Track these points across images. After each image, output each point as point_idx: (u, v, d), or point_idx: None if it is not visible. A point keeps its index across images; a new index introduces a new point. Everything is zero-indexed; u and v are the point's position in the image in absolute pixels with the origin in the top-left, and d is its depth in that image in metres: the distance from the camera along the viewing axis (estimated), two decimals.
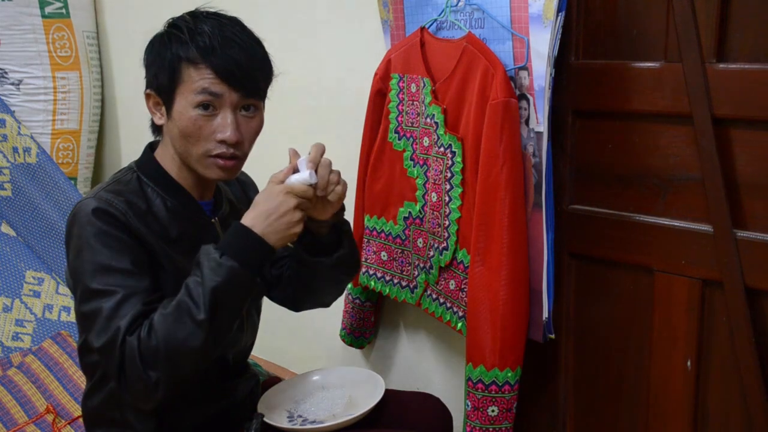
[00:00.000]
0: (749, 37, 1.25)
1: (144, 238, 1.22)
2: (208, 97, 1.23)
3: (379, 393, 1.47)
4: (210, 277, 1.14)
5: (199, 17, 1.28)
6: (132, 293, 1.17)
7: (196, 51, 1.23)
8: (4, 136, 2.47)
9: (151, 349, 1.13)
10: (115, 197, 1.23)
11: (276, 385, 1.57)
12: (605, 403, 1.54)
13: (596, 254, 1.49)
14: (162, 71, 1.26)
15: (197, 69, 1.23)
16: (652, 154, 1.38)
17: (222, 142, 1.25)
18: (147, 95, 1.30)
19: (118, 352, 1.13)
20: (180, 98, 1.25)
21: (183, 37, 1.24)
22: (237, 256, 1.16)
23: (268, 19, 2.05)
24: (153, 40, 1.30)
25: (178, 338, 1.14)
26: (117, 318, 1.15)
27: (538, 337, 1.50)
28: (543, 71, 1.38)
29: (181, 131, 1.25)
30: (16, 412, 1.98)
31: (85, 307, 1.18)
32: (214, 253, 1.16)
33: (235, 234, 1.19)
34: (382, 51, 1.72)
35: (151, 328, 1.14)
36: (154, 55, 1.28)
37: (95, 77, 2.79)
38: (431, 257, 1.62)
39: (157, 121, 1.30)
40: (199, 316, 1.13)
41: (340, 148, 1.97)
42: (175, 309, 1.15)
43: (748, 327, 1.29)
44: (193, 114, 1.24)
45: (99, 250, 1.18)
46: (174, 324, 1.14)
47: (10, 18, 2.54)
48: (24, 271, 2.33)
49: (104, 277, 1.17)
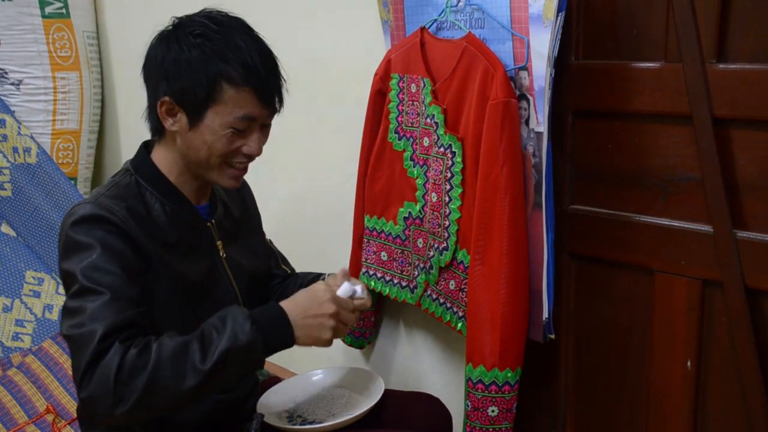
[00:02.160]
0: (749, 37, 1.25)
1: (142, 245, 1.21)
2: (247, 122, 1.24)
3: (378, 393, 1.47)
4: (230, 336, 1.14)
5: (224, 26, 1.24)
6: (118, 296, 1.15)
7: (241, 72, 1.21)
8: (4, 136, 2.47)
9: (136, 367, 1.09)
10: (115, 203, 1.21)
11: (276, 385, 1.57)
12: (605, 403, 1.54)
13: (596, 254, 1.49)
14: (196, 86, 1.21)
15: (239, 92, 1.22)
16: (652, 154, 1.39)
17: (248, 156, 1.28)
18: (163, 103, 1.24)
19: (93, 350, 1.09)
20: (213, 115, 1.23)
21: (221, 53, 1.21)
22: (263, 332, 1.17)
23: (268, 20, 2.05)
24: (171, 47, 1.23)
25: (170, 371, 1.11)
26: (100, 316, 1.12)
27: (538, 337, 1.50)
28: (543, 71, 1.38)
29: (209, 145, 1.24)
30: (16, 412, 1.98)
31: (70, 303, 1.16)
32: (244, 319, 1.16)
33: (270, 311, 1.20)
34: (382, 51, 1.72)
35: (146, 348, 1.11)
36: (181, 65, 1.22)
37: (95, 77, 2.79)
38: (431, 257, 1.62)
39: (169, 127, 1.26)
40: (203, 365, 1.12)
41: (340, 148, 1.97)
42: (181, 345, 1.13)
43: (748, 327, 1.29)
44: (227, 132, 1.23)
45: (92, 252, 1.17)
46: (173, 358, 1.12)
47: (10, 18, 2.55)
48: (24, 271, 2.33)
49: (93, 275, 1.15)
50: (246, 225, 1.48)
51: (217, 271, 1.36)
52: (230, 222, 1.42)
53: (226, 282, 1.37)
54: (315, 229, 2.13)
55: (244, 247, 1.44)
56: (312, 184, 2.12)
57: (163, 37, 1.27)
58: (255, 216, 1.55)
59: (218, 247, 1.36)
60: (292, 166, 2.15)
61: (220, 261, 1.36)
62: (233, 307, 1.21)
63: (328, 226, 2.08)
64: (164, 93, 1.24)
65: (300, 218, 2.15)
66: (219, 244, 1.36)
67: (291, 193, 2.16)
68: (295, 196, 2.16)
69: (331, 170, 2.04)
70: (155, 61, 1.26)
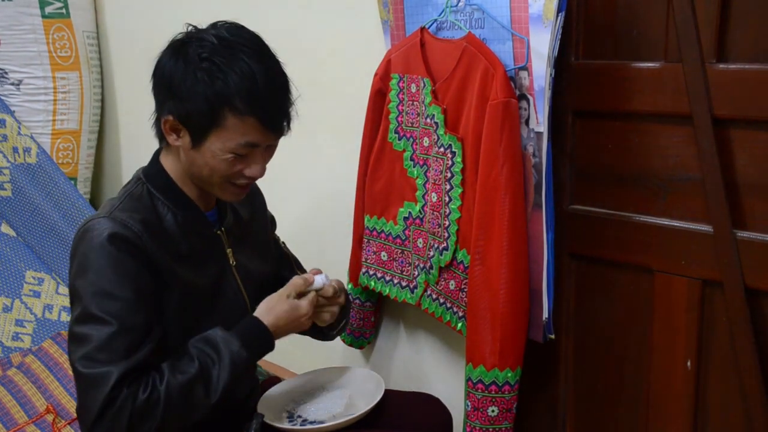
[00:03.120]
0: (749, 37, 1.25)
1: (155, 258, 1.22)
2: (249, 148, 1.23)
3: (379, 393, 1.47)
4: (231, 369, 1.22)
5: (230, 45, 1.20)
6: (126, 327, 1.16)
7: (242, 100, 1.18)
8: (4, 136, 2.47)
9: (146, 414, 1.14)
10: (130, 217, 1.21)
11: (276, 385, 1.57)
12: (605, 403, 1.54)
13: (596, 254, 1.49)
14: (198, 109, 1.19)
15: (242, 120, 1.19)
16: (652, 154, 1.38)
17: (248, 178, 1.27)
18: (166, 121, 1.23)
19: (105, 397, 1.12)
20: (215, 140, 1.21)
21: (227, 80, 1.17)
22: (257, 354, 1.28)
23: (268, 20, 2.05)
24: (178, 66, 1.20)
25: (178, 410, 1.18)
26: (107, 351, 1.14)
27: (538, 337, 1.50)
28: (543, 71, 1.38)
29: (210, 167, 1.24)
30: (16, 412, 1.98)
31: (77, 328, 1.18)
32: (239, 347, 1.23)
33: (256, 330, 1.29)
34: (382, 51, 1.72)
35: (153, 392, 1.15)
36: (186, 87, 1.19)
37: (95, 77, 2.79)
38: (431, 257, 1.62)
39: (172, 143, 1.25)
40: (209, 400, 1.20)
41: (340, 148, 1.97)
42: (187, 385, 1.18)
43: (748, 327, 1.29)
44: (228, 157, 1.22)
45: (105, 274, 1.17)
46: (180, 399, 1.17)
47: (10, 18, 2.54)
48: (24, 271, 2.33)
49: (103, 302, 1.16)
50: (255, 226, 1.48)
51: (226, 279, 1.36)
52: (239, 227, 1.42)
53: (236, 289, 1.37)
54: (315, 229, 2.13)
55: (253, 250, 1.45)
56: (312, 184, 2.12)
57: (174, 49, 1.23)
58: (264, 217, 1.54)
59: (228, 255, 1.37)
60: (292, 167, 2.15)
61: (230, 269, 1.37)
62: (218, 331, 1.25)
63: (328, 226, 2.08)
64: (169, 112, 1.22)
65: (300, 218, 2.15)
66: (229, 252, 1.37)
67: (291, 194, 2.16)
68: (294, 196, 2.16)
69: (331, 170, 2.04)
70: (163, 76, 1.23)
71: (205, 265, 1.32)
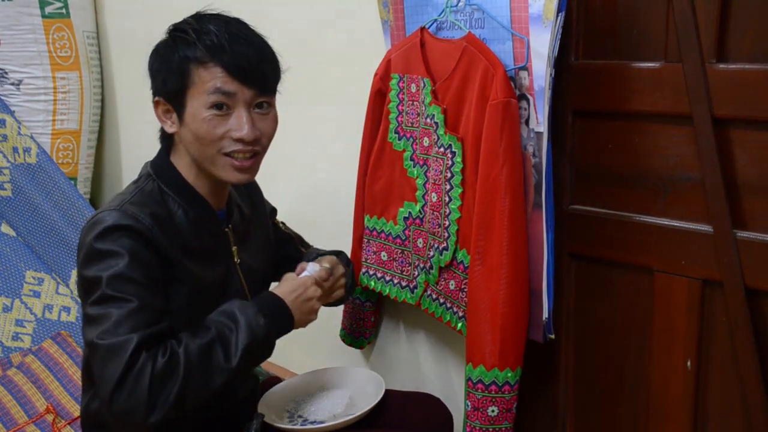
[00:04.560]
0: (749, 37, 1.25)
1: (166, 252, 1.22)
2: (221, 96, 1.22)
3: (379, 393, 1.47)
4: (248, 333, 1.21)
5: (203, 18, 1.27)
6: (145, 305, 1.16)
7: (205, 50, 1.21)
8: (4, 136, 2.47)
9: (167, 376, 1.12)
10: (140, 210, 1.21)
11: (276, 385, 1.58)
12: (605, 403, 1.54)
13: (596, 254, 1.49)
14: (170, 76, 1.23)
15: (207, 69, 1.21)
16: (652, 154, 1.38)
17: (239, 141, 1.24)
18: (156, 103, 1.28)
19: (126, 362, 1.10)
20: (192, 101, 1.23)
21: (189, 38, 1.22)
22: (275, 323, 1.26)
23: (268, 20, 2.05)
24: (158, 47, 1.28)
25: (199, 374, 1.16)
26: (127, 324, 1.13)
27: (538, 337, 1.50)
28: (543, 71, 1.38)
29: (195, 134, 1.23)
30: (16, 412, 1.98)
31: (93, 310, 1.16)
32: (255, 313, 1.23)
33: (273, 301, 1.29)
34: (382, 51, 1.72)
35: (173, 356, 1.14)
36: (160, 60, 1.26)
37: (95, 77, 2.79)
38: (431, 257, 1.62)
39: (168, 129, 1.28)
40: (229, 364, 1.18)
41: (340, 148, 1.97)
42: (206, 347, 1.17)
43: (748, 327, 1.29)
44: (207, 115, 1.22)
45: (119, 259, 1.17)
46: (200, 362, 1.16)
47: (10, 18, 2.54)
48: (24, 271, 2.33)
49: (120, 284, 1.16)
50: (256, 221, 1.49)
51: (231, 276, 1.37)
52: (243, 224, 1.42)
53: (239, 287, 1.38)
54: (315, 229, 2.13)
55: (256, 246, 1.46)
56: (312, 184, 2.12)
57: (158, 42, 1.30)
58: (264, 211, 1.55)
59: (234, 253, 1.37)
60: (292, 166, 2.15)
61: (234, 267, 1.38)
62: (235, 301, 1.25)
63: (328, 226, 2.08)
64: (154, 93, 1.27)
65: (300, 218, 2.15)
66: (234, 249, 1.37)
67: (291, 193, 2.16)
68: (294, 196, 2.16)
69: (331, 170, 2.04)
70: (149, 68, 1.29)
71: (213, 263, 1.32)
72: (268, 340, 1.25)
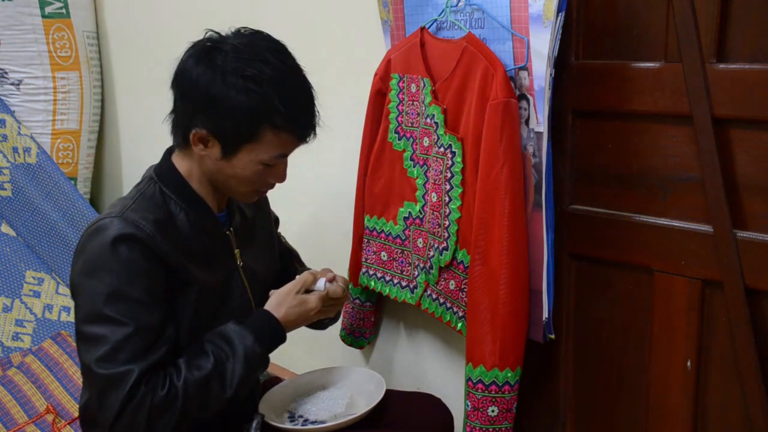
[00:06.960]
0: (749, 37, 1.25)
1: (169, 258, 1.22)
2: (282, 159, 1.28)
3: (379, 393, 1.47)
4: (244, 363, 1.24)
5: (267, 60, 1.20)
6: (141, 328, 1.17)
7: (284, 118, 1.21)
8: (4, 136, 2.47)
9: (165, 410, 1.16)
10: (142, 218, 1.21)
11: (276, 385, 1.58)
12: (605, 403, 1.54)
13: (596, 254, 1.49)
14: (237, 126, 1.20)
15: (278, 136, 1.23)
16: (652, 154, 1.39)
17: (272, 184, 1.33)
18: (196, 134, 1.22)
19: (126, 395, 1.13)
20: (248, 152, 1.23)
21: (265, 97, 1.18)
22: (269, 347, 1.30)
23: (268, 20, 2.05)
24: (209, 78, 1.18)
25: (196, 406, 1.20)
26: (125, 352, 1.15)
27: (538, 337, 1.50)
28: (543, 71, 1.38)
29: (236, 176, 1.26)
30: (16, 412, 1.98)
31: (88, 328, 1.17)
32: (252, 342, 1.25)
33: (267, 322, 1.30)
34: (382, 51, 1.72)
35: (171, 388, 1.17)
36: (223, 103, 1.18)
37: (95, 77, 2.79)
38: (431, 257, 1.62)
39: (198, 152, 1.25)
40: (225, 394, 1.22)
41: (340, 148, 1.97)
42: (203, 381, 1.20)
43: (748, 327, 1.29)
44: (259, 168, 1.26)
45: (117, 275, 1.17)
46: (197, 395, 1.19)
47: (10, 18, 2.54)
48: (24, 271, 2.33)
49: (117, 304, 1.16)
50: (259, 224, 1.49)
51: (233, 279, 1.37)
52: (245, 226, 1.43)
53: (242, 290, 1.38)
54: (315, 229, 2.13)
55: (258, 249, 1.46)
56: (312, 184, 2.12)
57: (201, 57, 1.21)
58: (268, 215, 1.56)
59: (236, 256, 1.37)
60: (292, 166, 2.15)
61: (236, 269, 1.38)
62: (232, 326, 1.27)
63: (328, 226, 2.08)
64: (202, 125, 1.21)
65: (300, 218, 2.15)
66: (237, 252, 1.37)
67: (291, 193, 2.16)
68: (294, 196, 2.16)
69: (331, 170, 2.04)
70: (193, 86, 1.21)
71: (216, 266, 1.33)
72: (263, 363, 1.30)
